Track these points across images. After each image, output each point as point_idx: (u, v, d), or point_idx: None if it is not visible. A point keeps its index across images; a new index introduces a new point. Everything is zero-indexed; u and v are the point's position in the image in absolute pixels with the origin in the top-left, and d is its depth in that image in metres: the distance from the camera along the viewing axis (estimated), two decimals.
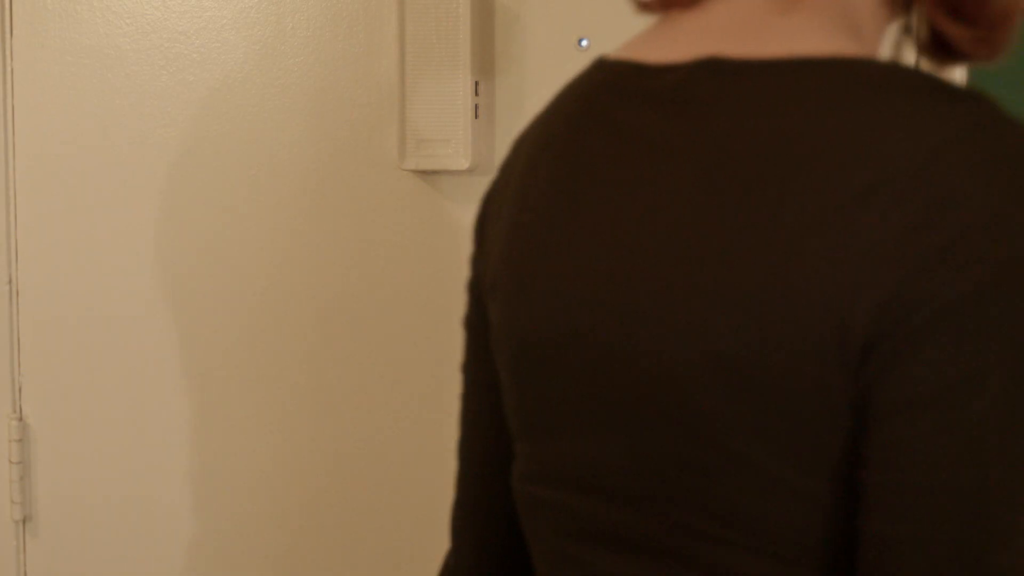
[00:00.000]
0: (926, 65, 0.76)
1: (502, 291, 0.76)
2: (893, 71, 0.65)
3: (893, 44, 0.76)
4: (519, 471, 0.78)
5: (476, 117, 1.49)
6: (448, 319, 1.04)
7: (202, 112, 1.62)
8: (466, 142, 1.47)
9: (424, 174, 1.53)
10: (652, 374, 0.67)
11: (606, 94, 0.73)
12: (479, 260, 0.82)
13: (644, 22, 0.76)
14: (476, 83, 1.48)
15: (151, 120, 1.65)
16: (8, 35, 1.70)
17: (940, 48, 0.74)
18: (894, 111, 0.62)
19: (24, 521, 1.76)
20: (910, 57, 0.76)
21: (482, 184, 0.89)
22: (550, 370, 0.73)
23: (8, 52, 1.71)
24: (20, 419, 1.74)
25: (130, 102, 1.66)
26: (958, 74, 1.35)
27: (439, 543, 0.91)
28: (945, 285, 0.58)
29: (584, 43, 1.47)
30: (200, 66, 1.62)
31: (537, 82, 1.49)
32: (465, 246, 0.86)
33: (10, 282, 1.73)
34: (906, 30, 0.75)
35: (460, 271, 0.87)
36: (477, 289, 0.82)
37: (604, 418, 0.70)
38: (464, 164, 1.48)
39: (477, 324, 0.82)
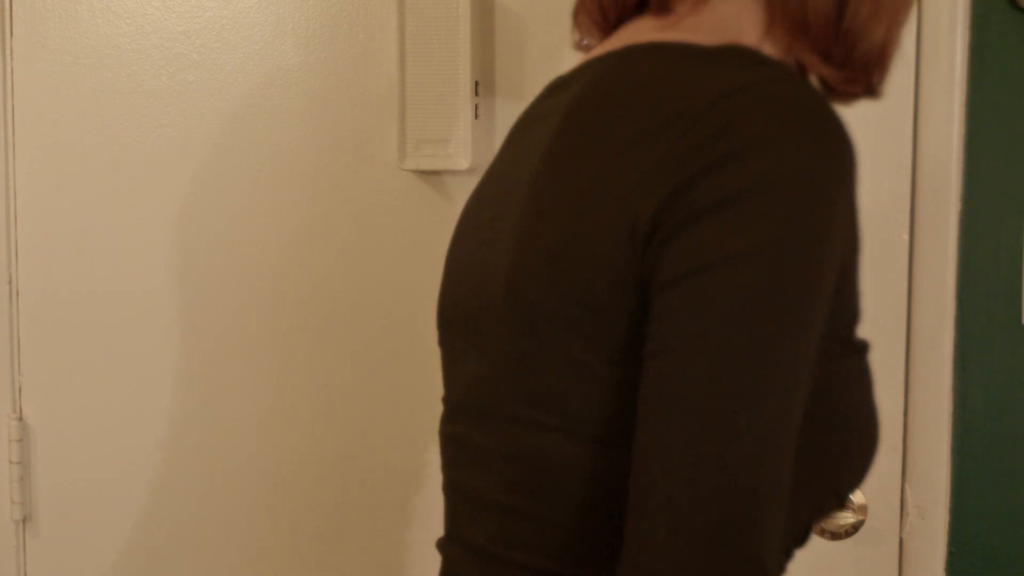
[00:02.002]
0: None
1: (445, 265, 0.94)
2: (722, 46, 0.77)
3: None
4: (440, 419, 0.93)
5: (476, 117, 1.49)
6: None
7: (202, 113, 1.62)
8: (466, 142, 1.47)
9: (424, 174, 1.53)
10: (501, 283, 0.79)
11: (539, 96, 0.91)
12: None
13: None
14: (476, 83, 1.48)
15: (151, 120, 1.65)
16: (8, 34, 1.70)
17: (825, 86, 0.84)
18: (705, 69, 0.74)
19: (24, 521, 1.76)
20: None
21: None
22: (452, 318, 0.89)
23: (8, 51, 1.71)
24: (20, 419, 1.74)
25: (130, 102, 1.66)
26: (958, 76, 1.35)
27: (435, 538, 0.91)
28: (715, 187, 0.68)
29: (585, 42, 1.47)
30: (200, 66, 1.62)
31: (537, 82, 1.49)
32: None
33: (10, 282, 1.73)
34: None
35: None
36: None
37: (477, 339, 0.83)
38: (464, 164, 1.48)
39: None
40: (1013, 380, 1.37)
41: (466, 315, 0.86)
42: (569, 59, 1.44)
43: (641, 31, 0.84)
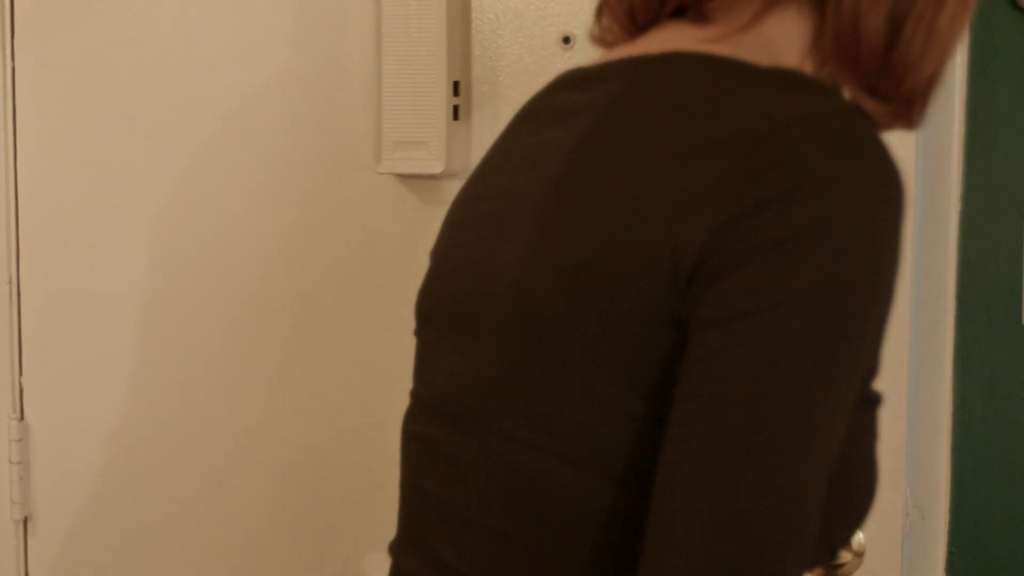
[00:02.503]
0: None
1: (430, 258, 0.89)
2: (776, 68, 0.73)
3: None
4: (406, 411, 0.87)
5: (456, 119, 1.43)
6: None
7: (182, 116, 1.62)
8: (441, 145, 1.42)
9: (404, 177, 1.50)
10: (511, 288, 0.74)
11: (553, 88, 0.85)
12: None
13: None
14: (456, 83, 1.43)
15: (146, 123, 1.65)
16: (9, 35, 1.70)
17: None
18: (763, 92, 0.70)
19: (24, 521, 1.76)
20: None
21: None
22: (439, 311, 0.84)
23: (9, 52, 1.71)
24: (20, 419, 1.74)
25: (127, 105, 1.66)
26: (958, 76, 1.35)
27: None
28: (770, 226, 0.65)
29: (569, 42, 1.43)
30: (184, 70, 1.62)
31: (520, 82, 1.47)
32: None
33: (11, 282, 1.73)
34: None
35: None
36: None
37: (469, 339, 0.78)
38: (438, 168, 1.42)
39: None
40: (1013, 380, 1.37)
41: (459, 310, 0.80)
42: (553, 58, 1.44)
43: (682, 39, 0.78)
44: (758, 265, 0.65)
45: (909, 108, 0.79)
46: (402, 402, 0.91)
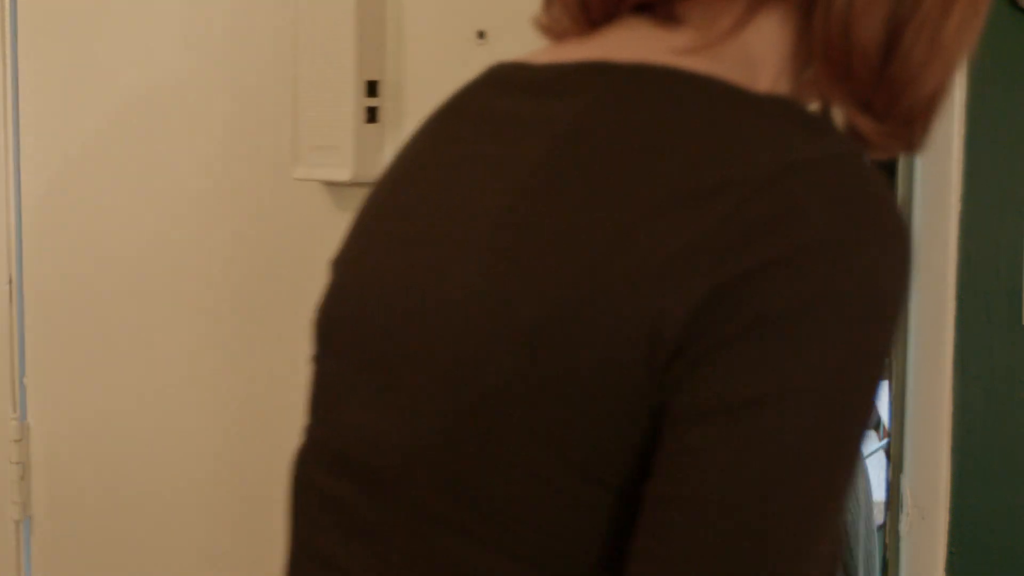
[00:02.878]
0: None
1: (332, 269, 0.76)
2: (767, 96, 0.64)
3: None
4: (297, 451, 0.75)
5: (373, 121, 1.31)
6: None
7: (118, 118, 1.62)
8: (350, 150, 1.30)
9: (324, 183, 1.43)
10: (449, 343, 0.62)
11: (487, 86, 0.72)
12: None
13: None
14: (374, 83, 1.31)
15: (141, 127, 1.65)
16: (11, 37, 1.71)
17: (856, 137, 0.70)
18: (759, 126, 0.61)
19: (24, 521, 1.76)
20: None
21: None
22: (347, 339, 0.71)
23: (12, 55, 1.71)
24: (20, 419, 1.74)
25: (125, 107, 1.66)
26: (958, 76, 1.35)
27: None
28: (769, 295, 0.56)
29: (483, 36, 1.32)
30: (129, 71, 1.61)
31: (435, 80, 1.38)
32: None
33: (11, 282, 1.73)
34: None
35: None
36: None
37: (388, 388, 0.66)
38: (346, 175, 1.30)
39: None
40: (1013, 380, 1.37)
41: (373, 347, 0.68)
42: (467, 53, 1.35)
43: (651, 46, 0.67)
44: (755, 345, 0.55)
45: (908, 128, 0.70)
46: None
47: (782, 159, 0.58)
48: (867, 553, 1.57)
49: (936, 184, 1.36)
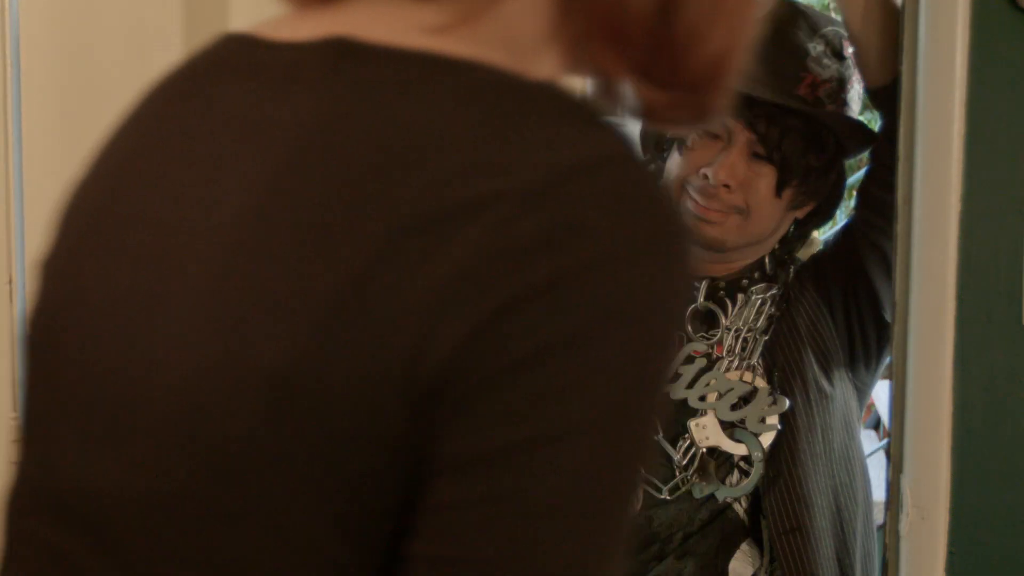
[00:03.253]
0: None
1: (42, 273, 0.67)
2: (534, 84, 0.57)
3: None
4: (9, 490, 0.64)
5: None
6: None
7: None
8: None
9: None
10: (171, 383, 0.54)
11: (214, 67, 0.63)
12: None
13: None
14: None
15: None
16: (12, 36, 1.71)
17: (643, 111, 0.63)
18: (525, 126, 0.54)
19: None
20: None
21: None
22: (61, 367, 0.62)
23: (8, 52, 1.71)
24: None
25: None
26: (958, 76, 1.35)
27: None
28: (541, 324, 0.49)
29: None
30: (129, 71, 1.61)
31: None
32: None
33: (10, 282, 1.73)
34: (605, 91, 0.64)
35: None
36: None
37: (113, 432, 0.57)
38: None
39: None
40: (1013, 380, 1.37)
41: (96, 381, 0.59)
42: None
43: (397, 23, 0.57)
44: (521, 383, 0.49)
45: (696, 97, 0.62)
46: None
47: (551, 165, 0.52)
48: (865, 553, 1.57)
49: (936, 184, 1.37)
